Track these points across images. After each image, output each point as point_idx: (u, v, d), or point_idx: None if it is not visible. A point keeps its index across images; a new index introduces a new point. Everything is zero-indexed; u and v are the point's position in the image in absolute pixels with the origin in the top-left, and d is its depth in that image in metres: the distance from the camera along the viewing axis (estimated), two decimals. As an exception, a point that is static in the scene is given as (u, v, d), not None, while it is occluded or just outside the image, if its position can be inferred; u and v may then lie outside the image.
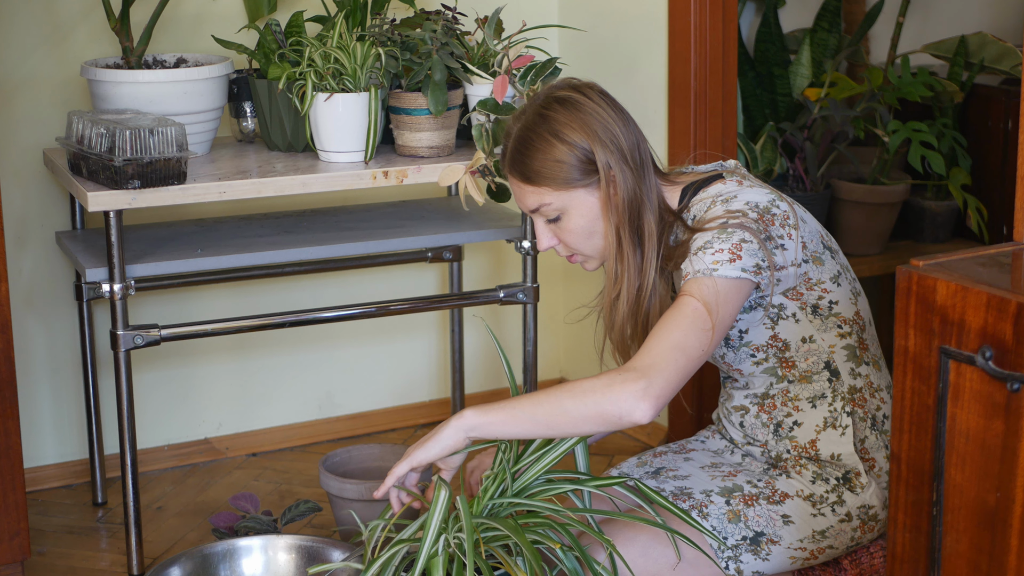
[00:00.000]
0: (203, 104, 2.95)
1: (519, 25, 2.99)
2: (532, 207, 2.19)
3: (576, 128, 2.13)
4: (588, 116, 2.14)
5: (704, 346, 2.03)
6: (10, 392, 2.64)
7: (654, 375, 1.98)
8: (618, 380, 1.99)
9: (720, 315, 2.04)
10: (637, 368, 1.99)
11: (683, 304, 2.04)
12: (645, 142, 2.20)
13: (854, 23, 4.13)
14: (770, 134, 3.79)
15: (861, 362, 2.24)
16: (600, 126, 2.14)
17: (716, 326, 2.03)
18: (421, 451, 2.07)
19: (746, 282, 2.07)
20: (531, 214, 2.22)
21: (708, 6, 3.20)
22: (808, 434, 2.24)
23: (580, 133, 2.13)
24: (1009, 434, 1.45)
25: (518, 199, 2.22)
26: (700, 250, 2.08)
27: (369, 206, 3.33)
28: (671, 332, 2.02)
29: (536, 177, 2.15)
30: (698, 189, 2.21)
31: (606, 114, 2.16)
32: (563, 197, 2.16)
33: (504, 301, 3.12)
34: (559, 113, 2.15)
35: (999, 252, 1.62)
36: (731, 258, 2.06)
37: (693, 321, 2.02)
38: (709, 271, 2.05)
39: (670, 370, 1.99)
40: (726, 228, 2.08)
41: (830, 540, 2.20)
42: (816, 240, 2.21)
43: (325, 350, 3.59)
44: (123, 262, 2.74)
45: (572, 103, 2.15)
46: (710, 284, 2.04)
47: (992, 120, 4.00)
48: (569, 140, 2.13)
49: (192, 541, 3.05)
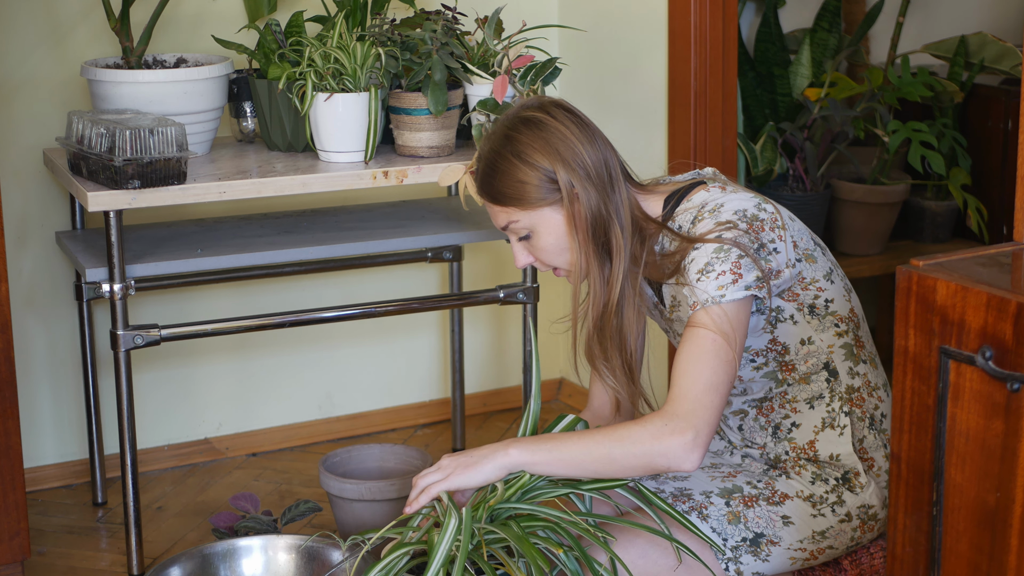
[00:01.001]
0: (203, 104, 2.95)
1: (519, 25, 2.99)
2: (502, 225, 2.23)
3: (538, 149, 2.16)
4: (551, 136, 2.17)
5: (731, 378, 2.06)
6: (10, 392, 2.64)
7: (700, 424, 2.01)
8: (666, 431, 2.01)
9: (737, 340, 2.07)
10: (680, 415, 2.02)
11: (703, 339, 2.05)
12: (615, 157, 2.21)
13: (854, 23, 4.13)
14: (770, 134, 3.79)
15: (859, 360, 2.25)
16: (563, 146, 2.17)
17: (736, 355, 2.06)
18: (462, 478, 2.07)
19: (750, 298, 2.09)
20: (504, 232, 2.25)
21: (708, 6, 3.20)
22: (806, 435, 2.24)
23: (542, 154, 2.16)
24: (1009, 434, 1.45)
25: (492, 218, 2.26)
26: (701, 275, 2.08)
27: (369, 206, 3.33)
28: (702, 372, 2.04)
29: (502, 198, 2.19)
30: (681, 198, 2.21)
31: (570, 133, 2.18)
32: (530, 216, 2.19)
33: (504, 301, 3.12)
34: (523, 135, 2.18)
35: (999, 252, 1.62)
36: (734, 279, 2.07)
37: (717, 355, 2.04)
38: (718, 297, 2.06)
39: (711, 414, 2.02)
40: (722, 247, 2.08)
41: (830, 540, 2.20)
42: (806, 237, 2.22)
43: (325, 350, 3.59)
44: (123, 262, 2.74)
45: (536, 123, 2.18)
46: (720, 313, 2.06)
47: (992, 120, 4.00)
48: (531, 161, 2.16)
49: (192, 541, 3.05)
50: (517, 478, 2.07)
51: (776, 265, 2.14)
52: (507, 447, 2.07)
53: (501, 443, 2.09)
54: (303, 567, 2.54)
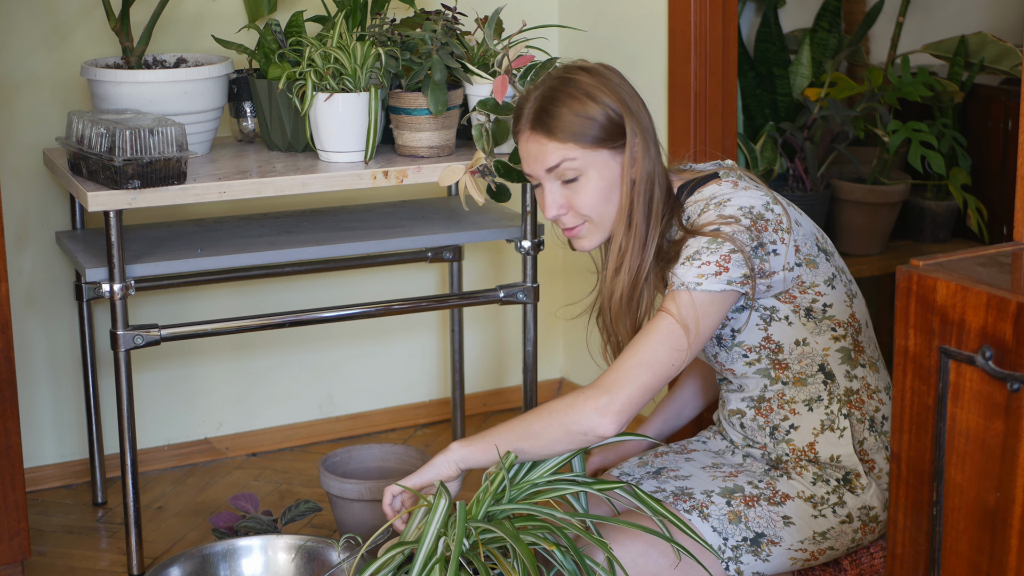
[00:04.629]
0: (203, 104, 2.95)
1: (519, 25, 2.99)
2: (553, 163, 2.16)
3: (607, 91, 2.15)
4: (616, 85, 2.17)
5: (675, 362, 2.07)
6: (10, 392, 2.64)
7: (616, 390, 2.04)
8: (581, 398, 2.06)
9: (700, 329, 2.08)
10: (601, 385, 2.06)
11: (659, 321, 2.08)
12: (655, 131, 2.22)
13: (854, 23, 4.13)
14: (770, 134, 3.79)
15: (856, 364, 2.24)
16: (628, 96, 2.16)
17: (692, 344, 2.07)
18: (415, 475, 2.15)
19: (732, 293, 2.09)
20: (546, 175, 2.18)
21: (708, 6, 3.20)
22: (806, 437, 2.24)
23: (611, 96, 2.15)
24: (1009, 434, 1.45)
25: (534, 160, 2.18)
26: (689, 259, 2.09)
27: (369, 206, 3.33)
28: (641, 349, 2.07)
29: (562, 132, 2.14)
30: (694, 188, 2.21)
31: (631, 88, 2.19)
32: (587, 156, 2.15)
33: (504, 301, 3.12)
34: (586, 77, 2.16)
35: (999, 252, 1.62)
36: (717, 271, 2.07)
37: (667, 338, 2.06)
38: (693, 284, 2.06)
39: (633, 386, 2.05)
40: (717, 237, 2.08)
41: (831, 541, 2.20)
42: (811, 243, 2.21)
43: (325, 350, 3.59)
44: (123, 262, 2.74)
45: (598, 72, 2.18)
46: (688, 301, 2.06)
47: (992, 120, 4.00)
48: (601, 100, 2.14)
49: (192, 541, 3.05)
50: (519, 471, 2.09)
51: (772, 266, 2.14)
52: (449, 445, 2.15)
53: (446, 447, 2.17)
54: (303, 567, 2.54)
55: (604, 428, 2.04)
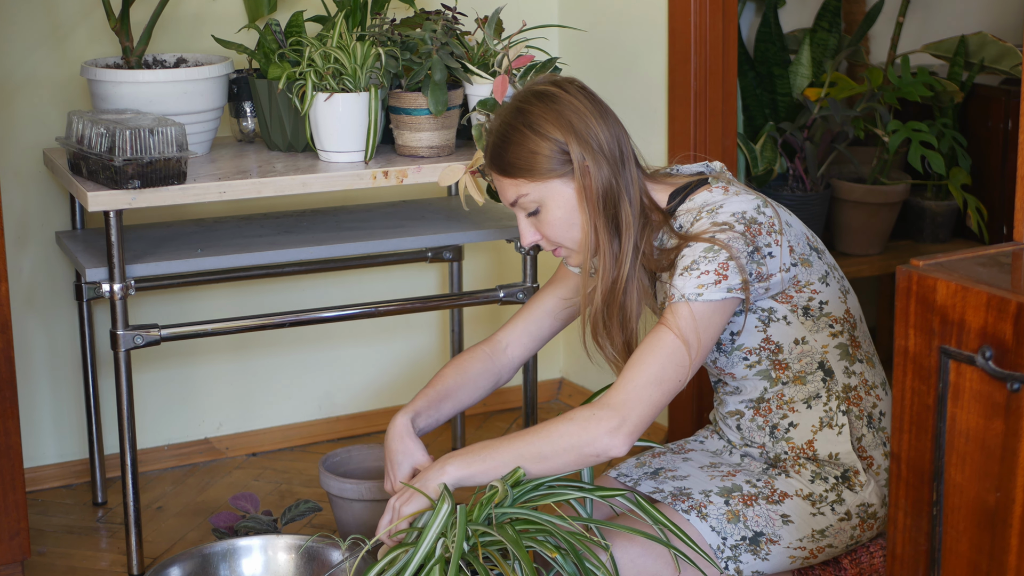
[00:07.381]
0: (203, 104, 2.95)
1: (519, 25, 2.99)
2: (511, 200, 2.21)
3: (551, 120, 2.16)
4: (564, 108, 2.17)
5: (681, 378, 2.07)
6: (10, 392, 2.64)
7: (627, 412, 2.04)
8: (592, 421, 2.04)
9: (702, 341, 2.07)
10: (611, 405, 2.05)
11: (661, 337, 2.07)
12: (627, 137, 2.21)
13: (854, 23, 4.13)
14: (770, 134, 3.79)
15: (855, 360, 2.25)
16: (576, 118, 2.16)
17: (694, 358, 2.07)
18: (408, 505, 2.10)
19: (732, 300, 2.09)
20: (512, 208, 2.24)
21: (708, 6, 3.20)
22: (804, 435, 2.24)
23: (554, 125, 2.16)
24: (1009, 434, 1.45)
25: (500, 193, 2.24)
26: (687, 270, 2.09)
27: (369, 206, 3.33)
28: (648, 367, 2.06)
29: (512, 169, 2.18)
30: (685, 196, 2.21)
31: (583, 107, 2.18)
32: (539, 188, 2.18)
33: (504, 301, 3.12)
34: (535, 106, 2.18)
35: (999, 252, 1.62)
36: (716, 279, 2.07)
37: (671, 355, 2.06)
38: (694, 296, 2.06)
39: (643, 405, 2.04)
40: (712, 247, 2.08)
41: (829, 539, 2.20)
42: (803, 242, 2.21)
43: (325, 350, 3.59)
44: (123, 262, 2.74)
45: (549, 96, 2.18)
46: (688, 314, 2.06)
47: (992, 120, 4.00)
48: (543, 132, 2.16)
49: (192, 541, 3.05)
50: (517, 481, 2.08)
51: (769, 269, 2.14)
52: (443, 465, 2.09)
53: (439, 461, 2.11)
54: (303, 567, 2.54)
55: (617, 450, 2.04)
